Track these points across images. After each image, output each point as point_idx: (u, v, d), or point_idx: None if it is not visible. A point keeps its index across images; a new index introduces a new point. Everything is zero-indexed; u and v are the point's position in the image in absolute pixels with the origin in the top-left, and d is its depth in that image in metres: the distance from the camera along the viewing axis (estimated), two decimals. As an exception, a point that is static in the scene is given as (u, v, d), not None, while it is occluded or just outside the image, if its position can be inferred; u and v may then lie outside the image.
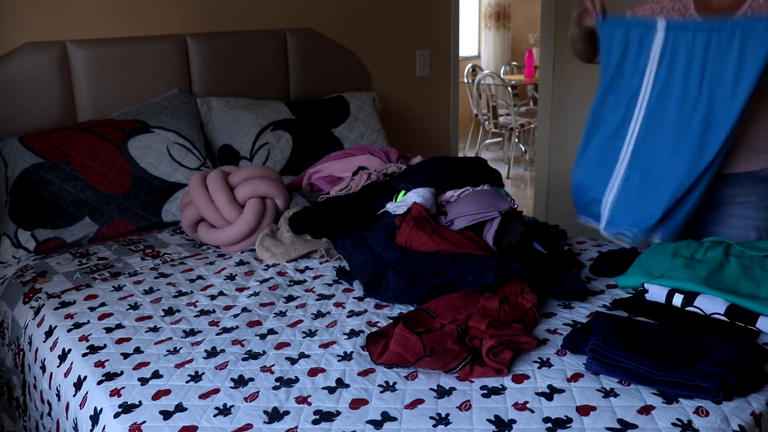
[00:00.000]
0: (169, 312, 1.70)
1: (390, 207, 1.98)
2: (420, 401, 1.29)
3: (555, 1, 3.71)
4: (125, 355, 1.49)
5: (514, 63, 7.44)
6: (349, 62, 3.20)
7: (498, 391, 1.31)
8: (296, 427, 1.22)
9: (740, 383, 1.25)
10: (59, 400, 1.51)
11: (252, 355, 1.47)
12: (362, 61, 3.27)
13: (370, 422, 1.23)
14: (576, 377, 1.35)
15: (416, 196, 1.96)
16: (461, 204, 1.96)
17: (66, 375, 1.50)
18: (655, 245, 1.83)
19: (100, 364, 1.46)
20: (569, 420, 1.22)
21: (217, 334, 1.57)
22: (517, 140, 6.46)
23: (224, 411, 1.28)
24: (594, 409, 1.25)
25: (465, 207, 1.93)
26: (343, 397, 1.31)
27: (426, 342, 1.40)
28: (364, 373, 1.39)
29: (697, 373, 1.25)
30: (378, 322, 1.61)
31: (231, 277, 1.91)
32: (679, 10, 1.93)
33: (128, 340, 1.56)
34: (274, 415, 1.26)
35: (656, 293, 1.60)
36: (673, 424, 1.19)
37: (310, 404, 1.29)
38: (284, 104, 2.81)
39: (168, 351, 1.50)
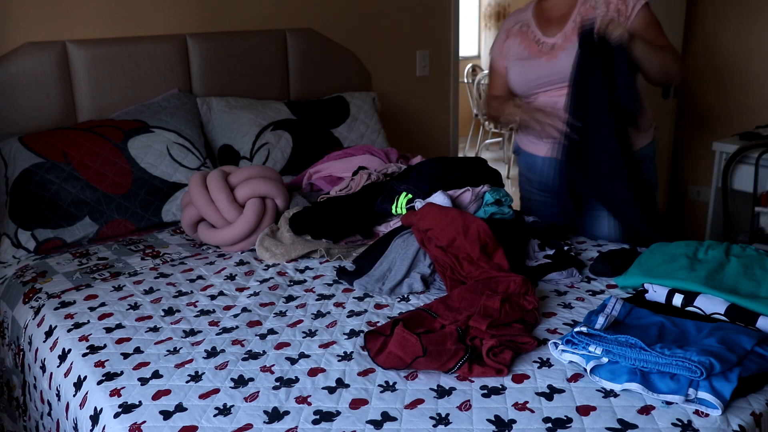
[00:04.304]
0: (169, 312, 1.70)
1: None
2: (420, 401, 1.29)
3: (555, 1, 3.71)
4: (125, 355, 1.49)
5: (514, 63, 7.43)
6: (349, 62, 3.20)
7: (498, 391, 1.31)
8: (296, 427, 1.22)
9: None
10: (59, 400, 1.51)
11: (252, 355, 1.47)
12: (362, 61, 3.27)
13: (370, 422, 1.23)
14: (576, 377, 1.35)
15: (437, 199, 1.99)
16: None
17: (66, 375, 1.50)
18: (655, 245, 1.83)
19: (100, 364, 1.46)
20: (569, 420, 1.22)
21: (217, 334, 1.57)
22: (517, 140, 6.45)
23: (224, 411, 1.28)
24: (594, 409, 1.25)
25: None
26: (343, 397, 1.31)
27: (425, 343, 1.40)
28: (364, 373, 1.39)
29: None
30: (378, 321, 1.61)
31: (231, 277, 1.91)
32: (522, 30, 2.22)
33: (128, 340, 1.56)
34: (274, 415, 1.26)
35: (656, 293, 1.60)
36: (673, 424, 1.19)
37: (310, 404, 1.29)
38: (284, 104, 2.81)
39: (168, 351, 1.50)
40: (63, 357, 1.55)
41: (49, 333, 1.66)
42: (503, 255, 1.75)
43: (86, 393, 1.40)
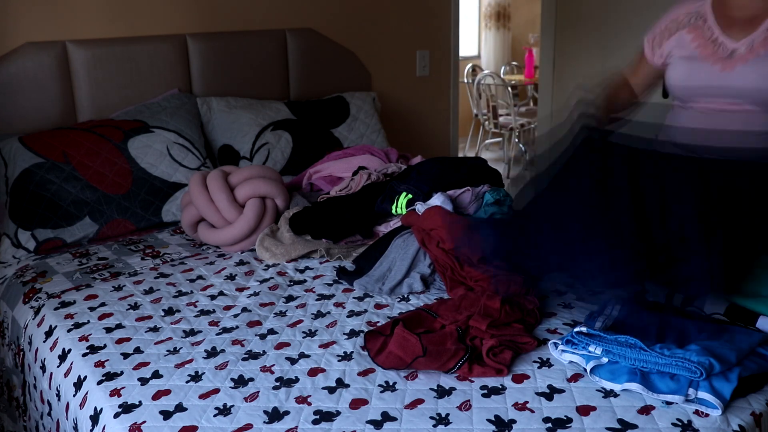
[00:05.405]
0: (169, 312, 1.70)
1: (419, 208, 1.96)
2: (420, 401, 1.29)
3: (555, 1, 3.71)
4: (125, 355, 1.49)
5: (514, 63, 7.44)
6: (349, 62, 3.20)
7: (498, 391, 1.31)
8: (296, 427, 1.22)
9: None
10: (59, 400, 1.51)
11: (252, 355, 1.47)
12: (362, 61, 3.27)
13: (370, 422, 1.23)
14: (576, 377, 1.35)
15: (438, 200, 1.97)
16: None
17: (66, 375, 1.50)
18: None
19: (100, 364, 1.46)
20: (569, 420, 1.22)
21: (217, 334, 1.57)
22: (517, 140, 6.45)
23: (224, 411, 1.28)
24: (594, 409, 1.25)
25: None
26: (343, 397, 1.31)
27: (425, 342, 1.40)
28: (364, 373, 1.39)
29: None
30: (378, 321, 1.61)
31: (231, 277, 1.91)
32: (696, 25, 1.81)
33: (128, 340, 1.56)
34: (274, 415, 1.26)
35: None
36: (673, 424, 1.19)
37: (310, 404, 1.29)
38: (284, 104, 2.81)
39: (168, 351, 1.50)
40: (63, 357, 1.55)
41: (49, 333, 1.66)
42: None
43: (86, 393, 1.40)
